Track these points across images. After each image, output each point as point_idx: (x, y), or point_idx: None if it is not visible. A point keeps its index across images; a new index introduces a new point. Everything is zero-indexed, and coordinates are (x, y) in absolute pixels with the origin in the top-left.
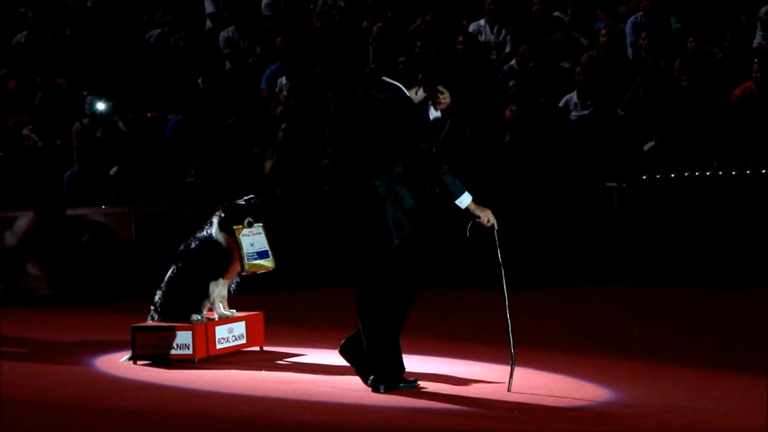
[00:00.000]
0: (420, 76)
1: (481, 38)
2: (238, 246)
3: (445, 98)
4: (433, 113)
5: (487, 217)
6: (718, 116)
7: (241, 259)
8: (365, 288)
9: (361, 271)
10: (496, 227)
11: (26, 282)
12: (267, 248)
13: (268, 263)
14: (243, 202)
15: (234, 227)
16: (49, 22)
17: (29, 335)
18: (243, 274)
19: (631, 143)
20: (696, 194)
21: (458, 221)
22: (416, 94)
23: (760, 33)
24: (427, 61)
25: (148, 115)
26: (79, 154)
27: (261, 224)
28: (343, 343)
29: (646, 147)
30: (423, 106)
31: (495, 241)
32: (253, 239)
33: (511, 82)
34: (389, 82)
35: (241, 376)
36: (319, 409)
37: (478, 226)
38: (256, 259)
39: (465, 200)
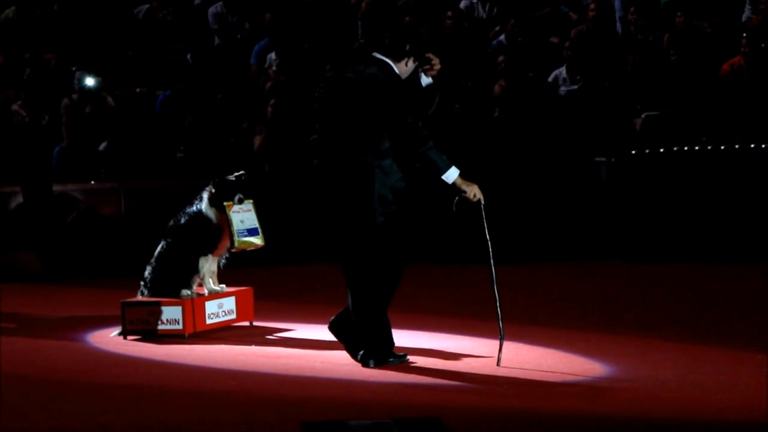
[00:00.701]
0: (408, 47)
1: (475, 14)
2: (228, 222)
3: (436, 64)
4: (425, 80)
5: (473, 192)
6: (707, 91)
7: (231, 235)
8: (352, 264)
9: (347, 247)
10: (482, 202)
11: (16, 258)
12: (257, 226)
13: (257, 241)
14: (233, 178)
15: (224, 203)
16: None
17: (20, 311)
18: (233, 251)
19: (620, 118)
20: (685, 169)
21: (445, 197)
22: (407, 66)
23: (749, 7)
24: (413, 32)
25: (137, 90)
26: (68, 129)
27: (251, 201)
28: (333, 320)
29: (644, 115)
30: (415, 75)
31: (482, 216)
32: (243, 216)
33: (500, 58)
34: (378, 58)
35: (231, 351)
36: (309, 383)
37: (465, 201)
38: (246, 236)
39: (451, 175)
